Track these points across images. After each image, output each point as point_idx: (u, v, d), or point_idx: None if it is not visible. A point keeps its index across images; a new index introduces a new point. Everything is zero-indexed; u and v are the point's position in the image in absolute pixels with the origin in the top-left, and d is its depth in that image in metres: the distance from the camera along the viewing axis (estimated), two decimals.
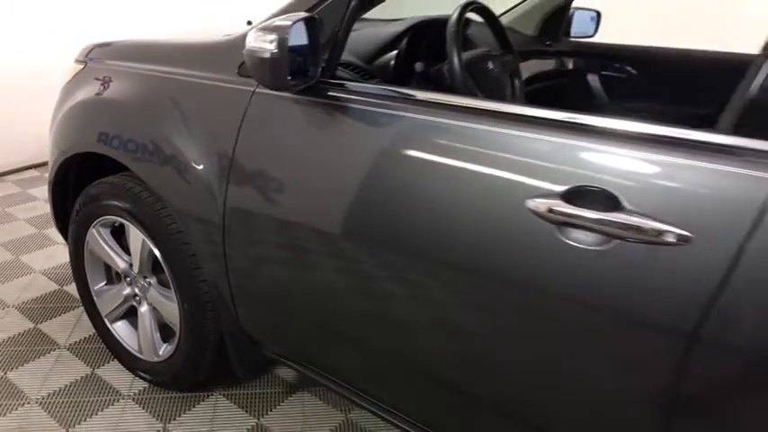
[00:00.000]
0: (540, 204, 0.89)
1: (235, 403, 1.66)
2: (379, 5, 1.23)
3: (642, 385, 0.86)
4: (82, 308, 1.86)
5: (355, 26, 1.23)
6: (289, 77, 1.05)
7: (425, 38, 1.50)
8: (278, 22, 1.02)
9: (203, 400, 1.67)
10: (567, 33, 2.38)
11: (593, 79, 2.23)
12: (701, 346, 0.79)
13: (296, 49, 1.05)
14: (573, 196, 0.87)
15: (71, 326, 1.99)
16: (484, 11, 1.53)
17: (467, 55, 1.39)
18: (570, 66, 2.30)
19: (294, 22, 1.01)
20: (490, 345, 1.00)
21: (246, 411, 1.63)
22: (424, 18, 1.46)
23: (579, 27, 2.39)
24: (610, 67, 2.21)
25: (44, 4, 3.33)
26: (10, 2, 3.21)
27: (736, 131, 0.80)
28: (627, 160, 0.85)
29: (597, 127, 0.90)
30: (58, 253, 2.46)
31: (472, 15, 1.51)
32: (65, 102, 1.73)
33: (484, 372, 1.03)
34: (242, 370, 1.55)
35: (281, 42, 1.01)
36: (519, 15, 2.40)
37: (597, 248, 0.84)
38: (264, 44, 1.02)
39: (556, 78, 2.27)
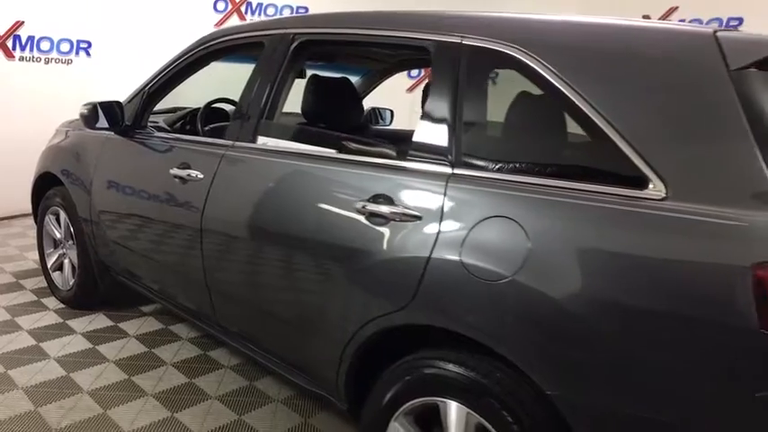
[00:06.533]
0: (175, 171, 2.19)
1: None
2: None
3: (193, 261, 2.12)
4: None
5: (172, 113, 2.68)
6: (97, 124, 2.44)
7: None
8: (95, 102, 2.43)
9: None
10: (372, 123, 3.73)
11: None
12: (205, 231, 2.05)
13: (109, 113, 2.45)
14: (184, 165, 2.17)
15: (39, 282, 3.36)
16: (232, 103, 2.95)
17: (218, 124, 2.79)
18: None
19: (101, 102, 2.42)
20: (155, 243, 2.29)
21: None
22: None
23: (378, 120, 3.75)
24: None
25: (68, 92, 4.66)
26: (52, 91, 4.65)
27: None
28: (193, 145, 2.19)
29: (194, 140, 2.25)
30: None
31: None
32: (47, 145, 3.21)
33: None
34: (102, 285, 2.87)
35: (90, 108, 2.42)
36: None
37: (195, 183, 2.14)
38: (83, 110, 2.45)
39: None
